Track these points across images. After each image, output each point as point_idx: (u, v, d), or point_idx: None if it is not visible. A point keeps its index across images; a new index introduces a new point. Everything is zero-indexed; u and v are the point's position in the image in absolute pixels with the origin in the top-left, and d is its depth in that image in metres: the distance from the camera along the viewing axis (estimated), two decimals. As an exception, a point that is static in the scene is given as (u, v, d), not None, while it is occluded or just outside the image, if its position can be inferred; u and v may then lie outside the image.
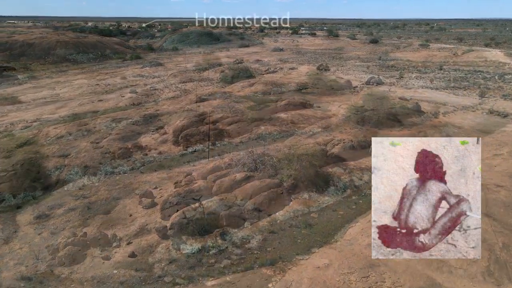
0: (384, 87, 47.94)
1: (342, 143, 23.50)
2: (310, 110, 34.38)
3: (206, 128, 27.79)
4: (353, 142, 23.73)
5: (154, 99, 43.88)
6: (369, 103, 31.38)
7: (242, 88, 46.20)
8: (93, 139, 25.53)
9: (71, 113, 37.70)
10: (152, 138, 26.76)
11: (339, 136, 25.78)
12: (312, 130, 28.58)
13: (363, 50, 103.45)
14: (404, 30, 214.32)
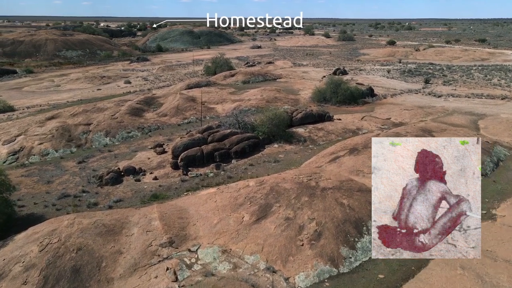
0: (348, 76, 55.47)
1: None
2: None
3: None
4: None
5: (148, 87, 50.04)
6: (330, 86, 38.54)
7: (224, 78, 52.82)
8: (108, 114, 31.72)
9: (77, 99, 43.59)
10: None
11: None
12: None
13: (336, 47, 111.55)
14: (376, 29, 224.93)
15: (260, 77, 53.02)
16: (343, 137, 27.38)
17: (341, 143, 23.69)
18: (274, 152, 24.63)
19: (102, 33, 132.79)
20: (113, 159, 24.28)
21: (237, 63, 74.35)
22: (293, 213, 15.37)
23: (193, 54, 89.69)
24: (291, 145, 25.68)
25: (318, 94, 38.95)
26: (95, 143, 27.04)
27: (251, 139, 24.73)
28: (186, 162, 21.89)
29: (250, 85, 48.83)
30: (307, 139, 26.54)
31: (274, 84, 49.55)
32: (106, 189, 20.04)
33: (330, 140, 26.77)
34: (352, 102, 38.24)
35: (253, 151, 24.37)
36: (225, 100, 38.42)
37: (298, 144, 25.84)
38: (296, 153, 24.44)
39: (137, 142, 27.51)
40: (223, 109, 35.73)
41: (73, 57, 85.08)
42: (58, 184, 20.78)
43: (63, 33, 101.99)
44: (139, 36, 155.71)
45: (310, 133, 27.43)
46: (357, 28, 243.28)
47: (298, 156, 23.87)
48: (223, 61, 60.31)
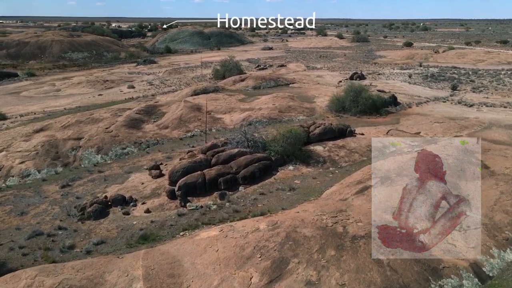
0: (366, 81, 51.57)
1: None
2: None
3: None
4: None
5: (152, 93, 46.87)
6: (350, 94, 34.77)
7: (233, 83, 49.37)
8: (102, 126, 28.50)
9: (75, 106, 40.57)
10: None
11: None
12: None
13: (350, 49, 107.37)
14: (390, 30, 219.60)
15: (272, 82, 49.47)
16: (368, 157, 23.66)
17: (369, 167, 19.97)
18: (289, 176, 21.04)
19: (111, 33, 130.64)
20: (102, 183, 20.96)
21: (247, 66, 70.96)
22: (316, 274, 11.80)
23: (202, 56, 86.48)
24: (308, 167, 22.06)
25: (336, 103, 35.23)
26: (84, 162, 23.78)
27: (262, 160, 21.18)
28: (185, 190, 18.44)
29: (261, 91, 45.34)
30: (327, 159, 22.88)
31: (287, 90, 45.97)
32: (87, 225, 16.69)
33: (353, 161, 23.07)
34: (374, 112, 34.46)
35: (264, 175, 20.83)
36: (234, 109, 34.93)
37: (316, 166, 22.20)
38: (314, 177, 20.81)
39: (132, 161, 24.17)
40: (231, 120, 32.25)
41: (79, 59, 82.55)
42: (33, 217, 17.52)
43: (70, 34, 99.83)
44: (148, 36, 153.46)
45: (330, 151, 23.76)
46: (370, 28, 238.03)
47: (317, 182, 20.24)
48: (232, 64, 56.92)
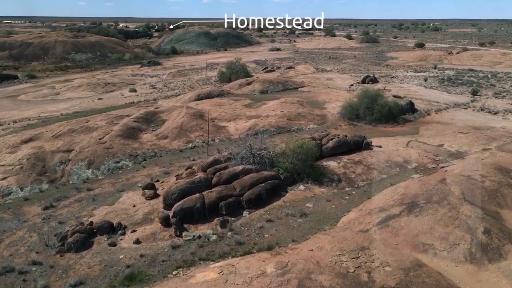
0: (379, 85, 48.89)
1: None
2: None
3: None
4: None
5: (154, 97, 44.69)
6: (364, 101, 32.21)
7: (239, 86, 46.99)
8: (96, 136, 26.28)
9: (72, 111, 38.49)
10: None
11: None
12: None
13: (360, 50, 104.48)
14: (400, 30, 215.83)
15: (280, 86, 47.00)
16: (388, 174, 21.14)
17: (392, 190, 17.44)
18: (300, 198, 18.59)
19: (117, 34, 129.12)
20: (90, 204, 18.69)
21: (254, 68, 68.58)
22: None
23: (207, 58, 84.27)
24: (321, 187, 19.57)
25: (349, 110, 32.68)
26: (73, 178, 21.55)
27: (270, 179, 18.74)
28: (181, 216, 16.08)
29: (269, 96, 42.93)
30: (342, 177, 20.37)
31: (296, 94, 43.50)
32: (67, 259, 14.40)
33: (371, 179, 20.54)
34: (390, 121, 31.86)
35: (272, 196, 18.40)
36: (239, 117, 32.54)
37: (330, 186, 19.71)
38: (329, 200, 18.32)
39: (126, 176, 21.88)
40: (236, 128, 29.87)
41: (82, 60, 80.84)
42: (7, 247, 15.29)
43: (74, 34, 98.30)
44: (155, 37, 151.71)
45: (346, 168, 21.24)
46: (379, 29, 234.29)
47: (332, 206, 17.76)
48: (239, 66, 54.55)
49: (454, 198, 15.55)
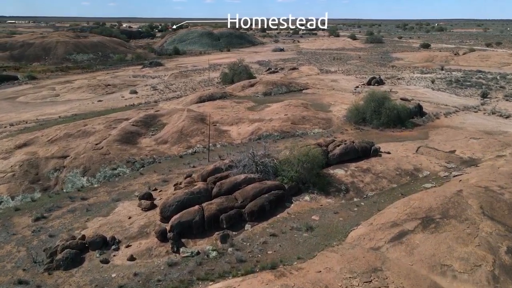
0: (385, 87, 47.72)
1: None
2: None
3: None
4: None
5: (155, 99, 43.71)
6: (371, 104, 31.07)
7: (242, 88, 45.96)
8: (92, 141, 25.31)
9: (71, 113, 37.58)
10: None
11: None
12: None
13: (364, 50, 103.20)
14: (405, 30, 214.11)
15: (284, 88, 45.94)
16: (398, 183, 20.03)
17: (404, 202, 16.32)
18: (305, 209, 17.51)
19: (120, 34, 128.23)
20: (84, 214, 17.70)
21: (257, 69, 67.52)
22: None
23: (210, 58, 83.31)
24: (328, 198, 18.49)
25: (355, 114, 31.58)
26: (67, 186, 20.57)
27: (273, 189, 17.69)
28: (178, 230, 15.06)
29: (272, 98, 41.87)
30: (349, 187, 19.28)
31: (300, 96, 42.44)
32: (55, 278, 13.41)
33: (381, 189, 19.43)
34: (398, 125, 30.72)
35: (276, 208, 17.34)
36: (242, 120, 31.49)
37: (337, 196, 18.62)
38: (336, 212, 17.23)
39: (123, 184, 20.88)
40: (238, 133, 28.83)
41: (84, 60, 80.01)
42: (-8, 263, 14.31)
43: (76, 35, 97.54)
44: (158, 37, 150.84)
45: (353, 177, 20.14)
46: (383, 29, 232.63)
47: (339, 219, 16.66)
48: (241, 68, 53.52)
49: (473, 213, 14.42)
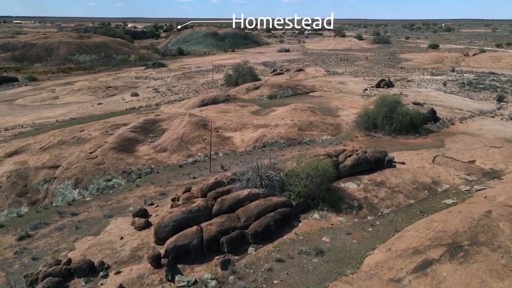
0: (395, 89, 45.97)
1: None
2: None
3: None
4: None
5: (156, 102, 42.27)
6: (382, 109, 29.37)
7: (247, 91, 44.40)
8: (87, 149, 23.83)
9: (69, 117, 36.22)
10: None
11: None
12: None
13: (371, 51, 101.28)
14: (412, 31, 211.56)
15: (290, 91, 44.33)
16: (416, 199, 18.36)
17: (425, 224, 14.62)
18: (315, 229, 15.89)
19: (124, 35, 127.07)
20: (72, 233, 16.21)
21: (262, 70, 65.97)
22: None
23: (214, 59, 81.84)
24: (339, 216, 16.86)
25: (365, 119, 29.92)
26: (57, 199, 19.11)
27: (280, 207, 16.10)
28: (174, 255, 13.51)
29: (278, 101, 40.30)
30: (363, 203, 17.64)
31: (307, 99, 40.81)
32: (34, 311, 11.91)
33: (397, 205, 17.77)
34: (411, 131, 29.02)
35: (282, 227, 15.74)
36: (246, 126, 29.92)
37: (350, 214, 16.98)
38: (349, 233, 15.59)
39: (117, 198, 19.38)
40: (242, 140, 27.25)
41: (86, 61, 78.88)
42: (-33, 292, 12.85)
43: (80, 35, 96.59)
44: (162, 37, 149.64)
45: (367, 191, 18.49)
46: (390, 29, 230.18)
47: (353, 241, 15.03)
48: (246, 69, 51.94)
49: (506, 239, 12.76)
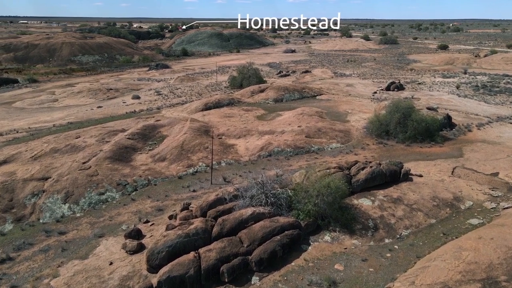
0: (406, 92, 44.15)
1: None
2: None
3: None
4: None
5: (158, 105, 40.75)
6: (395, 116, 27.62)
7: (251, 94, 42.79)
8: (80, 159, 22.31)
9: (67, 121, 34.79)
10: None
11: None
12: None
13: (379, 52, 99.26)
14: (419, 31, 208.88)
15: (296, 94, 42.67)
16: (437, 218, 16.63)
17: (454, 254, 12.90)
18: (326, 254, 14.23)
19: (128, 35, 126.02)
20: (58, 256, 14.68)
21: (268, 72, 64.37)
22: None
23: (219, 60, 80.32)
24: (353, 238, 15.18)
25: (377, 126, 28.19)
26: (45, 215, 17.60)
27: (287, 229, 14.47)
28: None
29: (284, 105, 38.65)
30: (378, 223, 15.95)
31: (314, 103, 39.12)
32: None
33: (417, 225, 16.05)
34: (426, 139, 27.25)
35: (290, 252, 14.11)
36: (250, 132, 28.30)
37: (364, 236, 15.30)
38: (365, 259, 13.92)
39: (109, 214, 17.84)
40: (246, 148, 25.63)
41: (89, 62, 77.67)
42: None
43: (83, 36, 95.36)
44: (167, 38, 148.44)
45: (382, 209, 16.80)
46: (397, 29, 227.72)
47: (369, 270, 13.35)
48: (251, 71, 50.31)
49: (549, 274, 11.02)
